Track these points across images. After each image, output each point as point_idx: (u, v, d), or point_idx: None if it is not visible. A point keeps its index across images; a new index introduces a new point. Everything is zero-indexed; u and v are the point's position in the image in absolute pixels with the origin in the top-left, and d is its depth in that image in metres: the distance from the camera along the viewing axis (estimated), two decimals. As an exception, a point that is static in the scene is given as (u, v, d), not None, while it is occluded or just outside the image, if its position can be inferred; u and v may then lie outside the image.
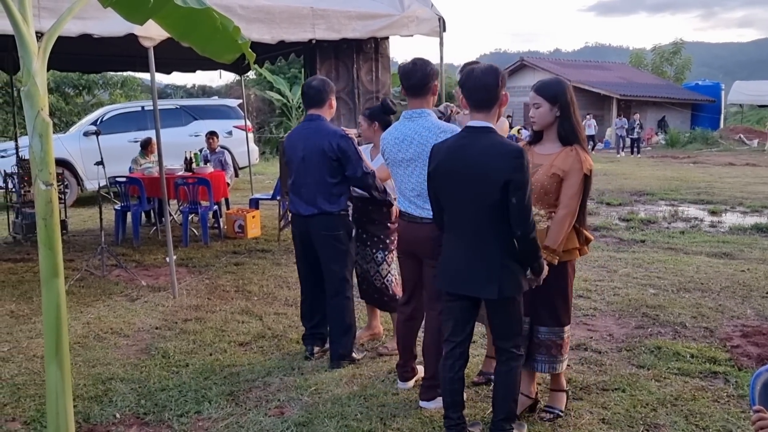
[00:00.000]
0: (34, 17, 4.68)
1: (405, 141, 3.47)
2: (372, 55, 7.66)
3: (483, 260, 2.92)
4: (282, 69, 27.19)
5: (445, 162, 2.98)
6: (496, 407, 3.07)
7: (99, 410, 3.55)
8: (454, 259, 3.02)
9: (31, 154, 2.24)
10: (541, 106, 3.24)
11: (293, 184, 4.25)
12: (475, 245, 2.94)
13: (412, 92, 3.51)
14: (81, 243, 8.55)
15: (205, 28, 2.66)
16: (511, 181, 2.79)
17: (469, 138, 2.95)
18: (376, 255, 4.37)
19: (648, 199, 12.01)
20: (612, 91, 31.34)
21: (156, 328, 4.96)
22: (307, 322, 4.38)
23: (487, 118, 2.97)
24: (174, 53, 6.82)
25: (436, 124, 3.45)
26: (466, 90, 3.05)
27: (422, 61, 3.53)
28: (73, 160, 12.39)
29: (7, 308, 5.57)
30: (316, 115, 4.18)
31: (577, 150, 3.20)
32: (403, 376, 3.84)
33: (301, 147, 4.15)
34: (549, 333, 3.33)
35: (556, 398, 3.47)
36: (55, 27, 2.28)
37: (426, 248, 3.45)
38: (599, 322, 4.97)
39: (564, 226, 3.18)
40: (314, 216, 4.13)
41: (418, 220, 3.48)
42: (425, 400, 3.58)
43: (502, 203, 2.83)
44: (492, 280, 2.89)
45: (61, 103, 24.73)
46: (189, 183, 8.32)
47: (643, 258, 7.05)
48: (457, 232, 3.01)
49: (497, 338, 3.05)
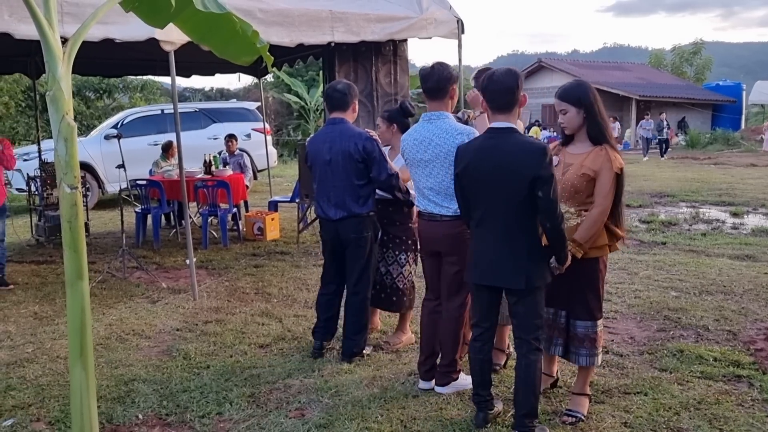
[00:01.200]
0: (58, 23, 4.75)
1: (424, 142, 3.61)
2: (390, 58, 7.67)
3: (511, 253, 3.10)
4: (300, 72, 27.32)
5: (473, 162, 3.16)
6: (518, 403, 3.16)
7: (122, 411, 3.59)
8: (484, 253, 3.19)
9: (56, 158, 2.26)
10: (567, 112, 3.36)
11: (319, 187, 4.27)
12: (503, 239, 3.12)
13: (431, 95, 3.65)
14: (102, 245, 8.64)
15: (225, 32, 2.69)
16: (538, 177, 2.97)
17: (495, 139, 3.13)
18: (400, 257, 4.44)
19: (668, 201, 11.89)
20: (631, 92, 31.09)
21: (177, 330, 5.00)
22: (323, 313, 4.39)
23: (508, 119, 3.14)
24: (193, 56, 6.89)
25: (454, 126, 3.58)
26: (488, 93, 3.19)
27: (440, 65, 3.66)
28: (94, 164, 12.52)
29: (31, 310, 5.64)
30: (339, 119, 4.23)
31: (607, 149, 3.29)
32: (425, 375, 3.85)
33: (327, 150, 4.17)
34: (583, 327, 3.41)
35: (578, 402, 3.46)
36: (80, 32, 2.30)
37: (445, 245, 3.63)
38: (620, 324, 4.93)
39: (596, 224, 3.26)
40: (344, 219, 4.18)
41: (438, 217, 3.63)
42: (441, 385, 3.74)
43: (529, 199, 3.01)
44: (520, 271, 3.08)
45: (83, 107, 25.04)
46: (208, 186, 8.38)
47: (665, 260, 6.98)
48: (487, 228, 3.18)
49: (519, 330, 3.19)
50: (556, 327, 3.46)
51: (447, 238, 3.61)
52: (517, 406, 3.16)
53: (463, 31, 7.15)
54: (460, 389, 3.74)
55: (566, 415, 3.40)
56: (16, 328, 5.14)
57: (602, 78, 32.77)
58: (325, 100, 4.38)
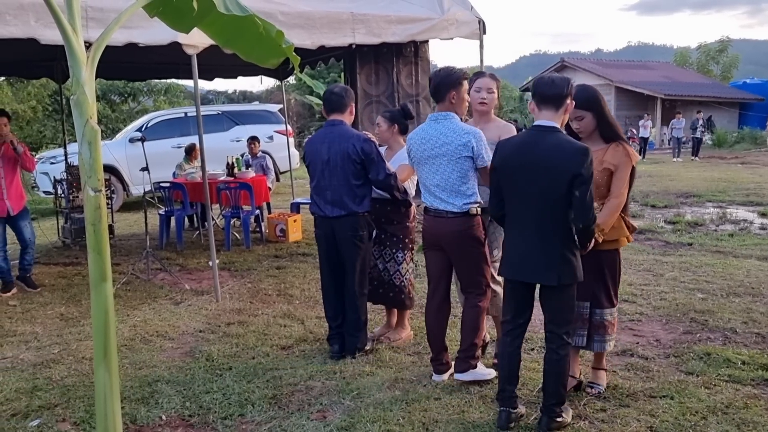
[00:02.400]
0: (83, 28, 4.80)
1: (431, 141, 3.77)
2: (412, 59, 7.66)
3: (544, 250, 3.19)
4: (321, 73, 27.40)
5: (513, 157, 3.26)
6: (548, 393, 3.28)
7: (146, 412, 3.62)
8: (517, 248, 3.30)
9: (81, 161, 2.28)
10: (584, 118, 3.54)
11: (317, 186, 4.39)
12: (537, 235, 3.21)
13: (433, 98, 3.89)
14: (127, 247, 8.74)
15: (249, 35, 2.69)
16: (577, 176, 3.06)
17: (537, 136, 3.23)
18: (397, 254, 4.59)
19: (695, 201, 11.73)
20: (656, 91, 30.71)
21: (200, 332, 5.04)
22: (333, 321, 4.48)
23: (553, 118, 3.23)
24: (216, 60, 6.93)
25: (460, 126, 3.74)
26: (536, 93, 3.27)
27: (442, 70, 3.85)
28: (119, 166, 12.68)
29: (57, 311, 5.72)
30: (338, 120, 4.35)
31: (624, 145, 3.54)
32: (438, 369, 3.97)
33: (325, 150, 4.29)
34: (604, 314, 3.63)
35: (599, 376, 3.76)
36: (103, 37, 2.32)
37: (451, 241, 3.77)
38: (646, 327, 4.86)
39: (615, 212, 3.49)
40: (341, 217, 4.30)
41: (443, 214, 3.76)
42: (459, 371, 3.84)
43: (566, 197, 3.11)
44: (552, 268, 3.18)
45: (108, 111, 25.38)
46: (231, 188, 8.44)
47: (691, 261, 6.88)
48: (521, 223, 3.27)
49: (551, 324, 3.29)
50: (580, 318, 3.59)
51: (452, 235, 3.75)
52: (546, 396, 3.29)
53: (484, 31, 7.12)
54: (478, 378, 3.85)
55: (589, 387, 3.72)
56: (42, 329, 5.21)
57: (626, 77, 32.43)
58: (324, 103, 4.48)
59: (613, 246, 3.57)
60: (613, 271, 3.63)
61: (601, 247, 3.45)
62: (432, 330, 3.99)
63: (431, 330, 4.00)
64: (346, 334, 4.41)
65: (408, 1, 6.82)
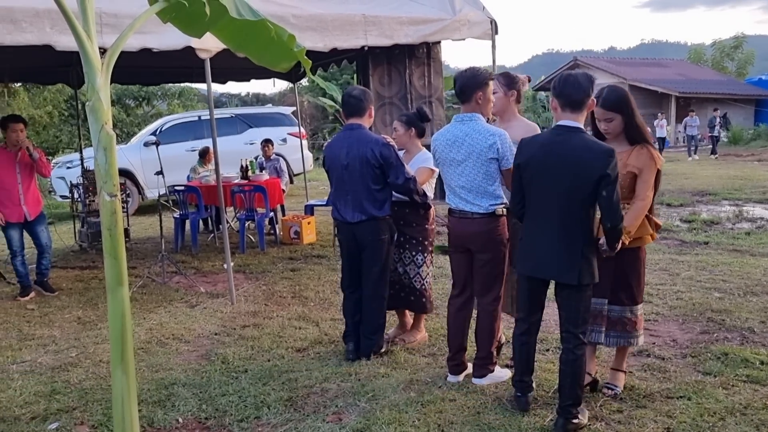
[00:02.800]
0: (97, 34, 4.84)
1: (457, 142, 3.77)
2: (424, 60, 7.66)
3: (567, 248, 3.22)
4: (334, 75, 27.46)
5: (538, 156, 3.28)
6: (564, 394, 3.28)
7: (162, 414, 3.64)
8: (537, 246, 3.32)
9: (96, 167, 2.30)
10: (613, 120, 3.52)
11: (336, 191, 4.38)
12: (559, 234, 3.23)
13: (458, 98, 3.84)
14: (143, 250, 8.80)
15: (261, 39, 2.70)
16: (604, 177, 3.08)
17: (563, 136, 3.23)
18: (416, 257, 4.57)
19: (710, 200, 11.62)
20: (670, 89, 30.48)
21: (215, 334, 5.06)
22: (351, 318, 4.47)
23: (577, 119, 3.24)
24: (228, 63, 6.96)
25: (486, 127, 3.74)
26: (561, 93, 3.26)
27: (468, 71, 3.83)
28: (134, 170, 12.77)
29: (75, 314, 5.77)
30: (357, 124, 4.32)
31: (648, 148, 3.52)
32: (454, 370, 3.98)
33: (344, 155, 4.26)
34: (624, 311, 3.62)
35: (617, 377, 3.73)
36: (118, 43, 2.34)
37: (477, 242, 3.78)
38: (662, 327, 4.83)
39: (640, 215, 3.48)
40: (362, 222, 4.28)
41: (469, 215, 3.77)
42: (478, 377, 3.89)
43: (591, 197, 3.14)
44: (573, 267, 3.20)
45: (123, 115, 25.59)
46: (245, 190, 8.47)
47: (707, 260, 6.82)
48: (542, 221, 3.29)
49: (567, 324, 3.30)
50: (599, 314, 3.59)
51: (479, 236, 3.76)
52: (562, 397, 3.29)
53: (496, 31, 7.10)
54: (496, 381, 3.89)
55: (606, 388, 3.69)
56: (60, 332, 5.26)
57: (640, 75, 32.20)
58: (342, 107, 4.46)
59: (636, 244, 3.56)
60: (636, 268, 3.61)
61: (625, 246, 3.44)
62: (453, 329, 3.99)
63: (452, 329, 3.99)
64: (363, 336, 4.40)
65: (420, 2, 6.83)
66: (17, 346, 4.92)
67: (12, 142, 6.22)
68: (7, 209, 6.22)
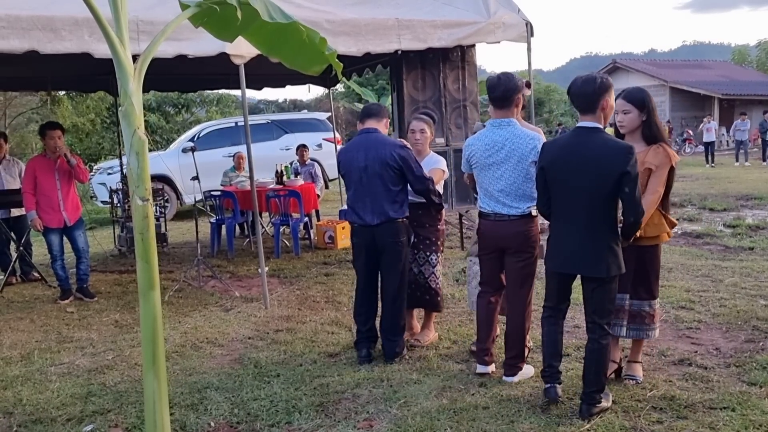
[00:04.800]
0: (134, 41, 4.93)
1: (496, 146, 3.87)
2: (458, 64, 7.60)
3: (594, 243, 3.38)
4: (369, 81, 27.57)
5: (561, 157, 3.45)
6: (588, 382, 3.43)
7: (195, 418, 3.65)
8: (566, 243, 3.47)
9: (129, 171, 2.31)
10: (630, 112, 3.70)
11: (355, 194, 4.44)
12: (586, 230, 3.38)
13: (498, 104, 3.91)
14: (180, 255, 8.91)
15: (293, 42, 2.70)
16: (625, 174, 3.24)
17: (582, 136, 3.42)
18: (431, 257, 4.68)
19: (756, 204, 11.30)
20: (713, 91, 29.82)
21: (248, 338, 5.08)
22: (363, 325, 4.51)
23: (594, 119, 3.41)
24: (264, 69, 7.00)
25: (525, 132, 3.87)
26: (574, 96, 3.48)
27: (506, 76, 3.94)
28: (172, 176, 12.97)
29: (112, 318, 5.86)
30: (373, 128, 4.43)
31: (664, 147, 3.69)
32: (483, 360, 4.07)
33: (363, 158, 4.33)
34: (642, 305, 3.83)
35: (635, 368, 3.92)
36: (149, 49, 2.36)
37: (515, 242, 3.88)
38: (704, 335, 4.68)
39: (651, 208, 3.62)
40: (381, 224, 4.33)
41: (506, 218, 3.88)
42: (509, 375, 3.97)
43: (613, 193, 3.30)
44: (601, 260, 3.36)
45: (162, 122, 26.06)
46: (280, 195, 8.52)
47: (752, 266, 6.61)
48: (569, 219, 3.45)
49: (594, 315, 3.45)
50: (621, 309, 3.77)
51: (517, 236, 3.87)
52: (587, 384, 3.44)
53: (532, 34, 7.01)
54: (525, 377, 4.00)
55: (627, 378, 3.89)
56: (98, 335, 5.34)
57: (681, 77, 31.60)
58: (363, 112, 4.58)
59: (654, 242, 3.76)
60: (653, 265, 3.81)
61: (642, 243, 3.66)
62: (485, 319, 4.09)
63: (483, 319, 4.09)
64: (385, 339, 4.44)
65: (453, 5, 6.78)
66: (56, 349, 5.01)
67: (51, 149, 6.36)
68: (47, 215, 6.35)
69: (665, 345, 4.48)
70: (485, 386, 3.90)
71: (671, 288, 5.89)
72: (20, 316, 6.03)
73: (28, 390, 4.19)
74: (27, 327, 5.67)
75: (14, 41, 4.82)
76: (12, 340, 5.30)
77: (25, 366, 4.66)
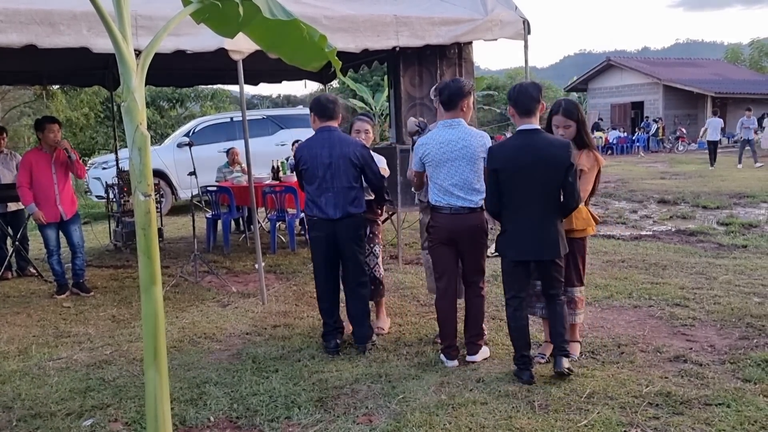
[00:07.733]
0: (132, 36, 4.91)
1: (450, 144, 4.14)
2: (455, 61, 7.59)
3: (548, 231, 3.86)
4: (365, 77, 27.53)
5: (513, 158, 3.88)
6: (556, 335, 3.96)
7: (194, 413, 3.67)
8: (524, 234, 3.90)
9: (131, 167, 2.32)
10: (570, 127, 4.14)
11: (318, 189, 4.57)
12: (541, 220, 3.86)
13: (445, 106, 4.20)
14: (176, 250, 8.90)
15: (293, 39, 2.70)
16: (569, 166, 3.77)
17: (527, 138, 3.88)
18: (374, 248, 5.02)
19: (748, 202, 11.37)
20: (706, 89, 29.92)
21: (246, 334, 5.09)
22: (330, 317, 4.68)
23: (534, 121, 3.90)
24: (260, 65, 7.01)
25: (475, 131, 4.21)
26: (517, 103, 3.89)
27: (454, 81, 4.24)
28: (167, 171, 12.94)
29: (109, 313, 5.86)
30: (334, 127, 4.66)
31: (594, 152, 4.21)
32: (450, 355, 4.28)
33: (327, 155, 4.53)
34: (574, 291, 4.26)
35: (573, 347, 4.25)
36: (153, 44, 2.36)
37: (469, 234, 4.20)
38: (699, 332, 4.72)
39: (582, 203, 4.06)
40: (343, 218, 4.55)
41: (461, 211, 4.17)
42: (472, 354, 4.30)
43: (560, 184, 3.80)
44: (556, 244, 3.88)
45: (157, 117, 25.97)
46: (276, 191, 8.52)
47: (746, 264, 6.66)
48: (526, 212, 3.87)
49: (550, 289, 3.99)
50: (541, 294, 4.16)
51: (471, 229, 4.20)
52: (555, 338, 3.97)
53: (529, 31, 7.02)
54: (485, 356, 4.34)
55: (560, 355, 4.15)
56: (95, 330, 5.34)
57: (675, 75, 31.68)
58: (320, 111, 4.68)
59: (583, 234, 4.24)
60: (582, 255, 4.28)
61: (573, 236, 4.12)
62: (450, 319, 4.32)
63: (449, 319, 4.32)
64: (355, 325, 4.65)
65: (451, 2, 6.78)
66: (54, 343, 5.01)
67: (50, 142, 6.34)
68: (43, 209, 6.33)
69: (661, 342, 4.52)
70: (483, 382, 3.93)
71: (666, 285, 5.93)
72: (17, 311, 6.02)
73: (26, 384, 4.19)
74: (24, 322, 5.67)
75: (12, 35, 4.80)
76: (9, 334, 5.30)
77: (22, 361, 4.66)
